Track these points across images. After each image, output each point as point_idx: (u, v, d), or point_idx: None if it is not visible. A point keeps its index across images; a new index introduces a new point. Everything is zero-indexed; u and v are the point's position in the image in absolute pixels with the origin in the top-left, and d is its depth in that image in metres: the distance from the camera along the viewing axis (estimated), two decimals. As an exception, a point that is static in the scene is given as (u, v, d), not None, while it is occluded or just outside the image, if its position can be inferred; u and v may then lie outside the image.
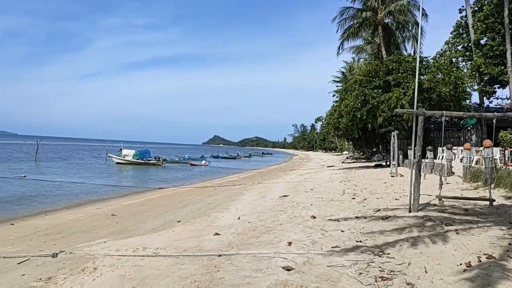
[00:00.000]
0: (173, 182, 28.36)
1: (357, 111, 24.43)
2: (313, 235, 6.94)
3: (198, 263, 5.57)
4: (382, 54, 33.64)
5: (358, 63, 48.72)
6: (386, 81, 25.42)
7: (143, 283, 4.78)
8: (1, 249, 8.21)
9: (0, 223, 12.72)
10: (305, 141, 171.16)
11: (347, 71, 58.71)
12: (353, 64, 54.76)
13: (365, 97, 24.47)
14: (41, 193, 20.01)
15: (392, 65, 25.82)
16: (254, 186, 19.61)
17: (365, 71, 27.46)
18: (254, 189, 17.71)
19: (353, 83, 27.24)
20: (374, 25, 35.17)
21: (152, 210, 13.35)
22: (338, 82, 60.64)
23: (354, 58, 51.31)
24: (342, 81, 58.05)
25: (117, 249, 6.80)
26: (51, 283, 4.97)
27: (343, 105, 25.48)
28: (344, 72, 60.62)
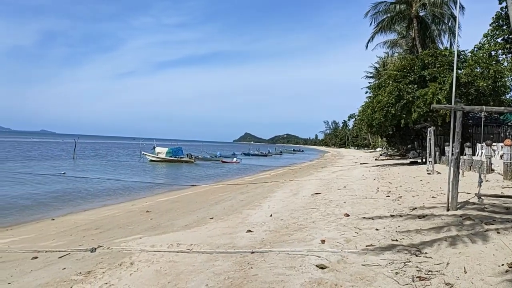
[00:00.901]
0: (205, 179, 28.68)
1: (391, 107, 23.86)
2: (346, 233, 6.83)
3: (231, 259, 5.59)
4: (417, 48, 32.73)
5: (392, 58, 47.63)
6: (422, 76, 24.71)
7: (178, 279, 4.85)
8: (44, 244, 8.55)
9: (42, 218, 13.26)
10: (337, 138, 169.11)
11: (380, 66, 57.50)
12: (386, 59, 53.57)
13: (399, 92, 23.87)
14: (79, 190, 20.71)
15: (428, 59, 25.06)
16: (285, 183, 19.55)
17: (399, 66, 26.80)
18: (285, 186, 17.65)
19: (387, 79, 26.64)
20: (408, 19, 34.27)
21: (185, 207, 13.53)
22: (371, 78, 59.51)
23: (387, 53, 50.22)
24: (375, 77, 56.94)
25: (152, 245, 6.92)
26: (91, 277, 5.11)
27: (376, 101, 24.96)
28: (377, 68, 59.39)
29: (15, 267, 6.27)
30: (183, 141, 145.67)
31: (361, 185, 15.15)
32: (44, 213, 14.28)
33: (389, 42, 39.11)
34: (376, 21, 34.50)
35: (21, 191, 19.13)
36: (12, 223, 12.59)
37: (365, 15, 34.76)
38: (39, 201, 16.65)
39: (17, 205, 15.65)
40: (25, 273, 5.72)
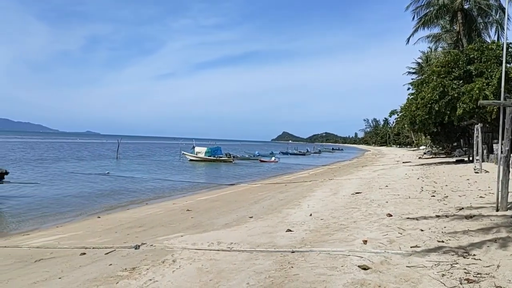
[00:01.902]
0: (244, 179, 28.87)
1: (435, 103, 23.04)
2: (390, 233, 6.66)
3: (271, 259, 5.59)
4: (462, 42, 31.44)
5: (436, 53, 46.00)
6: (467, 71, 23.72)
7: (220, 277, 4.89)
8: (91, 240, 8.89)
9: (89, 216, 13.82)
10: (377, 136, 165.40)
11: (423, 62, 55.61)
12: (430, 54, 51.79)
13: (443, 88, 23.00)
14: (123, 189, 21.41)
15: (474, 54, 24.03)
16: (325, 182, 19.34)
17: (443, 61, 25.83)
18: (325, 185, 17.46)
19: (431, 74, 25.75)
20: (452, 12, 32.95)
21: (225, 206, 13.66)
22: (414, 74, 57.69)
23: (431, 48, 48.57)
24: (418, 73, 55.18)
25: (194, 243, 7.03)
26: (135, 273, 5.25)
27: (420, 97, 24.19)
28: (420, 63, 57.48)
29: (65, 262, 6.55)
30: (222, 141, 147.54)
31: (404, 184, 14.73)
32: (91, 211, 14.88)
33: (432, 36, 37.77)
34: (418, 15, 33.45)
35: (69, 190, 20.03)
36: (62, 220, 13.20)
37: (406, 9, 33.77)
38: (86, 200, 17.37)
39: (66, 203, 16.40)
40: (74, 269, 5.96)
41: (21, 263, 6.98)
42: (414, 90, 27.91)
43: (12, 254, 7.97)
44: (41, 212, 14.34)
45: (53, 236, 10.09)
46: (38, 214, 14.08)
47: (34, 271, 6.11)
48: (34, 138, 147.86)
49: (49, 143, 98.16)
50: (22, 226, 12.40)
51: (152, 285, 4.73)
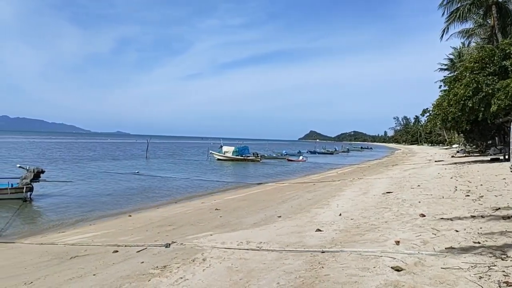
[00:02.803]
0: (271, 178, 28.83)
1: (468, 100, 22.31)
2: (423, 234, 6.48)
3: (301, 258, 5.54)
4: (496, 37, 30.33)
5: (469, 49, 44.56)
6: (503, 66, 22.83)
7: (250, 276, 4.89)
8: (123, 238, 9.08)
9: (121, 214, 14.12)
10: (408, 135, 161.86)
11: (455, 58, 53.98)
12: (462, 50, 50.22)
13: (477, 84, 22.24)
14: (152, 187, 21.78)
15: (510, 48, 23.11)
16: (354, 182, 19.07)
17: (477, 57, 24.97)
18: (354, 185, 17.21)
19: (463, 70, 24.95)
20: (486, 6, 31.82)
21: (253, 205, 13.68)
22: (446, 70, 56.07)
23: (463, 43, 47.06)
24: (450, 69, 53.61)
25: (223, 242, 7.07)
26: (167, 271, 5.32)
27: (452, 94, 23.48)
28: (452, 59, 55.82)
29: (98, 259, 6.72)
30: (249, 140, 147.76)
31: (436, 184, 14.34)
32: (122, 210, 15.20)
33: (465, 31, 36.61)
34: (449, 11, 32.47)
35: (101, 189, 20.54)
36: (95, 218, 13.54)
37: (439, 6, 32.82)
38: (117, 198, 17.76)
39: (98, 201, 16.83)
40: (108, 266, 6.10)
41: (57, 260, 7.20)
42: (446, 87, 27.13)
43: (48, 251, 8.24)
44: (75, 210, 14.77)
45: (86, 234, 10.37)
46: (72, 212, 14.50)
47: (70, 268, 6.28)
48: (67, 138, 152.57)
49: (81, 143, 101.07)
50: (57, 223, 12.79)
51: (183, 283, 4.77)
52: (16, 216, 13.42)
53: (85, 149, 69.04)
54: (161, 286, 4.73)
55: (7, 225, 12.08)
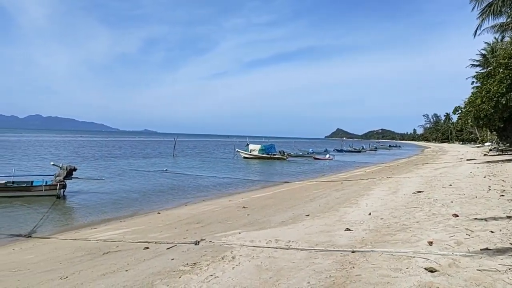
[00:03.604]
0: (298, 176, 28.72)
1: (502, 97, 21.54)
2: (457, 235, 6.30)
3: (331, 258, 5.49)
4: (533, 30, 29.13)
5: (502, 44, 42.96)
6: (539, 62, 21.95)
7: (279, 275, 4.88)
8: (153, 235, 9.23)
9: (150, 212, 14.37)
10: (438, 132, 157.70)
11: (488, 53, 52.16)
12: (495, 45, 48.48)
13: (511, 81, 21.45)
14: (180, 185, 22.07)
15: (547, 42, 22.19)
16: (383, 180, 18.74)
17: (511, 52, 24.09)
18: (383, 184, 16.92)
19: (497, 66, 24.11)
20: (522, -2, 30.58)
21: (280, 204, 13.65)
22: (478, 66, 54.24)
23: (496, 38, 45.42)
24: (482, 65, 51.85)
25: (251, 240, 7.08)
26: (196, 268, 5.38)
27: (485, 90, 22.72)
28: (485, 55, 53.96)
29: (130, 255, 6.85)
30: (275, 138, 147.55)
31: (469, 183, 13.92)
32: (151, 207, 15.48)
33: (498, 26, 35.28)
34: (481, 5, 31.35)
35: (131, 186, 20.97)
36: (125, 215, 13.83)
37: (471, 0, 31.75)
38: (146, 196, 18.09)
39: (128, 198, 17.19)
40: (139, 262, 6.21)
41: (90, 255, 7.39)
42: (478, 84, 26.27)
43: (82, 247, 8.47)
44: (106, 207, 15.14)
45: (118, 230, 10.60)
46: (103, 209, 14.87)
47: (103, 263, 6.44)
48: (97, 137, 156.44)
49: (110, 141, 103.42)
50: (89, 220, 13.14)
51: (213, 281, 4.81)
52: (50, 212, 13.86)
53: (115, 147, 70.61)
54: (192, 283, 4.77)
55: (42, 221, 12.49)
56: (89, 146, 71.45)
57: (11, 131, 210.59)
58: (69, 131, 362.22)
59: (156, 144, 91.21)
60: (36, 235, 10.74)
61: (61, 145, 69.60)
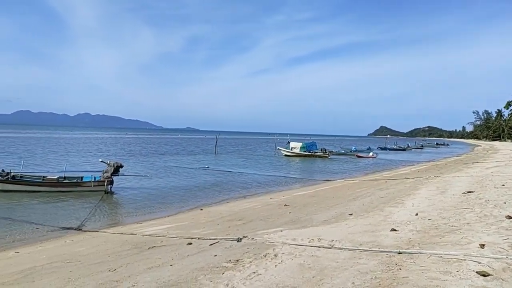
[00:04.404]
0: (340, 174, 28.31)
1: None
2: (511, 238, 5.96)
3: (376, 259, 5.34)
4: None
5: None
6: None
7: (322, 274, 4.80)
8: (195, 231, 9.39)
9: (193, 208, 14.65)
10: (489, 130, 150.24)
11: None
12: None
13: None
14: (222, 182, 22.33)
15: None
16: (430, 180, 18.08)
17: None
18: (430, 183, 16.31)
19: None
20: None
21: (322, 202, 13.49)
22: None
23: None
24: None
25: (293, 239, 7.02)
26: (239, 265, 5.40)
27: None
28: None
29: (174, 251, 6.99)
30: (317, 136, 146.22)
31: (524, 183, 13.15)
32: (194, 203, 15.77)
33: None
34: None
35: (174, 183, 21.47)
36: (169, 211, 14.17)
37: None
38: (189, 192, 18.45)
39: (172, 195, 17.60)
40: (183, 257, 6.32)
41: (136, 249, 7.62)
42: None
43: (128, 241, 8.75)
44: (150, 203, 15.57)
45: (162, 226, 10.87)
46: (148, 204, 15.31)
47: (148, 257, 6.61)
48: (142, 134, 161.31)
49: (155, 138, 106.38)
50: (135, 215, 13.57)
51: (255, 278, 4.81)
52: (98, 207, 14.44)
53: (159, 144, 72.54)
54: (235, 280, 4.80)
55: (91, 215, 13.04)
56: (134, 143, 73.87)
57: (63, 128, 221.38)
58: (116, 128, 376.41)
59: (198, 142, 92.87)
60: (86, 228, 11.22)
61: (109, 142, 72.39)
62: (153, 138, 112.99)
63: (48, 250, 8.58)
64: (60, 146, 53.86)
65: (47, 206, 14.40)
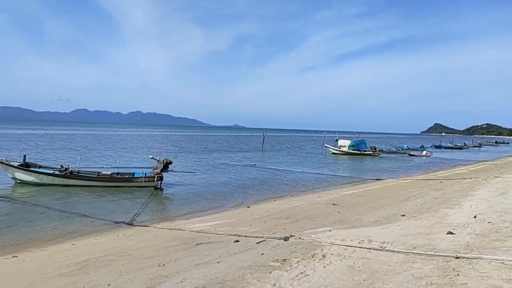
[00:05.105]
0: (391, 174, 27.43)
1: None
2: None
3: (432, 263, 5.04)
4: None
5: None
6: None
7: (374, 277, 4.59)
8: (242, 229, 9.39)
9: (239, 205, 14.72)
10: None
11: None
12: None
13: None
14: (268, 180, 22.31)
15: None
16: (489, 180, 17.04)
17: None
18: (489, 184, 15.36)
19: None
20: None
21: (372, 202, 13.08)
22: None
23: None
24: None
25: (342, 239, 6.82)
26: (286, 265, 5.29)
27: None
28: None
29: (221, 248, 7.01)
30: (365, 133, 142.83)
31: None
32: (240, 200, 15.84)
33: None
34: None
35: (221, 179, 21.70)
36: (216, 208, 14.31)
37: None
38: (236, 189, 18.57)
39: (219, 192, 17.78)
40: (230, 255, 6.31)
41: (184, 245, 7.72)
42: None
43: (177, 236, 8.90)
44: (198, 199, 15.82)
45: (209, 222, 10.98)
46: (196, 201, 15.57)
47: (196, 254, 6.66)
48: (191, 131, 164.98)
49: (203, 136, 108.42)
50: (183, 211, 13.83)
51: (303, 279, 4.68)
52: (148, 202, 14.86)
53: (207, 141, 73.84)
54: (282, 279, 4.70)
55: (141, 210, 13.43)
56: (183, 140, 75.70)
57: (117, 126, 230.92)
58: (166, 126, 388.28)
59: (245, 139, 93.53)
60: (137, 223, 11.57)
61: (159, 139, 74.66)
62: (201, 135, 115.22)
63: (102, 243, 8.91)
64: (115, 143, 56.30)
65: (101, 200, 15.03)
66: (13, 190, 16.56)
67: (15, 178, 17.64)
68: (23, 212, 12.64)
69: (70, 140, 56.99)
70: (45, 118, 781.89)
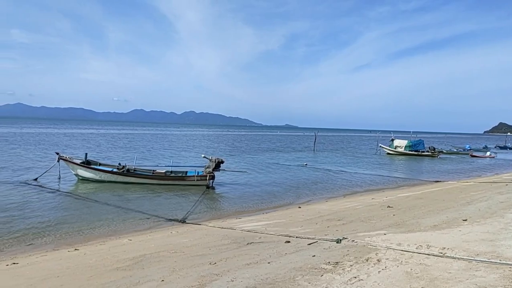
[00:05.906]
0: (451, 175, 26.10)
1: None
2: None
3: (497, 272, 4.69)
4: None
5: None
6: None
7: (433, 285, 4.34)
8: (293, 229, 9.28)
9: (291, 205, 14.61)
10: None
11: None
12: None
13: None
14: (320, 180, 21.97)
15: None
16: (562, 184, 15.73)
17: None
18: (563, 188, 14.17)
19: None
20: None
21: (431, 205, 12.46)
22: None
23: None
24: None
25: (398, 243, 6.53)
26: (339, 268, 5.14)
27: None
28: None
29: (272, 248, 6.95)
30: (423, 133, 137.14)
31: None
32: (292, 201, 15.71)
33: None
34: None
35: (272, 179, 21.66)
36: (267, 208, 14.29)
37: None
38: (287, 189, 18.43)
39: (270, 192, 17.74)
40: (281, 255, 6.24)
41: (235, 244, 7.75)
42: None
43: (228, 235, 8.96)
44: (249, 199, 15.87)
45: (260, 222, 10.97)
46: (247, 200, 15.63)
47: (247, 253, 6.66)
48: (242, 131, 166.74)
49: (255, 135, 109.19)
50: (234, 210, 13.92)
51: (357, 284, 4.52)
52: (200, 200, 15.13)
53: (258, 141, 74.24)
54: (335, 283, 4.56)
55: (194, 208, 13.69)
56: (236, 140, 76.61)
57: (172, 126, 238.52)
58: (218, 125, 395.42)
59: (297, 139, 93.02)
60: (189, 221, 11.80)
61: (212, 139, 76.11)
62: (253, 135, 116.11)
63: (156, 240, 9.17)
64: (173, 142, 58.17)
65: (155, 198, 15.52)
66: (76, 186, 17.53)
67: (78, 175, 18.71)
68: (84, 207, 13.34)
69: (130, 139, 59.63)
70: (105, 118, 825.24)
